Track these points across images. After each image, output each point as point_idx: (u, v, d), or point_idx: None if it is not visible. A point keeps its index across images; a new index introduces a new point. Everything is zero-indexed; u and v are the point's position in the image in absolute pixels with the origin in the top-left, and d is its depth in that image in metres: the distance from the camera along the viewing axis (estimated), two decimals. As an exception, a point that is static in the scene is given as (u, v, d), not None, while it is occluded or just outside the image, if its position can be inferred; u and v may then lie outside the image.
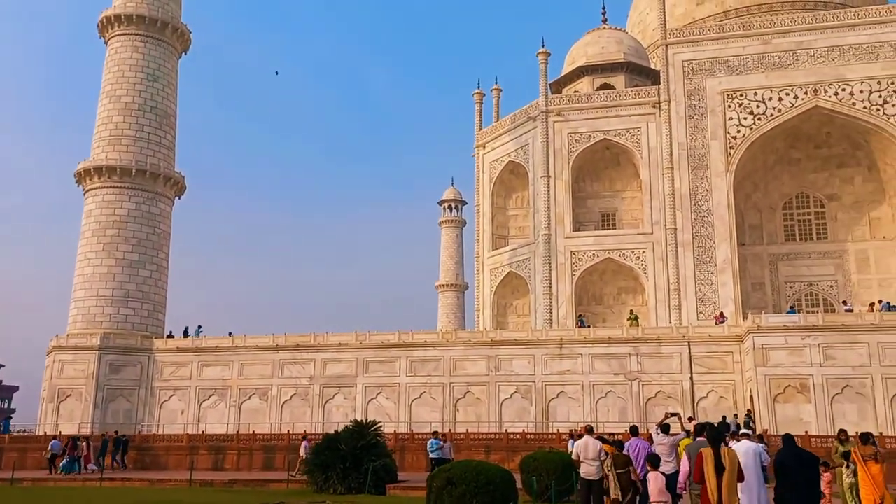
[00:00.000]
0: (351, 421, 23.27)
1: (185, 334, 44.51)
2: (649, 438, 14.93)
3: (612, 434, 24.91)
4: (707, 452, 10.86)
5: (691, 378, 35.72)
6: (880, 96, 43.07)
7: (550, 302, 44.85)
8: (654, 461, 12.99)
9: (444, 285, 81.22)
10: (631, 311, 43.75)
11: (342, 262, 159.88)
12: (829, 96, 43.76)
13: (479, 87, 55.14)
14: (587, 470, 13.74)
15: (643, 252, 44.73)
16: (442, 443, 24.05)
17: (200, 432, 37.40)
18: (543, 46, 49.14)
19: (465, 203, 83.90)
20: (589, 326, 40.49)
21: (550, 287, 45.22)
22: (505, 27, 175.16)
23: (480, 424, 36.35)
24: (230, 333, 42.82)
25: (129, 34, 47.07)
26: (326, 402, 39.39)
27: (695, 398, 35.40)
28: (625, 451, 13.93)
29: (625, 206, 48.29)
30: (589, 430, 14.54)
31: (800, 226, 48.50)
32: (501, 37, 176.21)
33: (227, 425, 39.56)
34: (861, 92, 43.35)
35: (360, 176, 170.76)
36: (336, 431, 23.01)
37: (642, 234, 45.21)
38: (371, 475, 20.88)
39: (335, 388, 39.62)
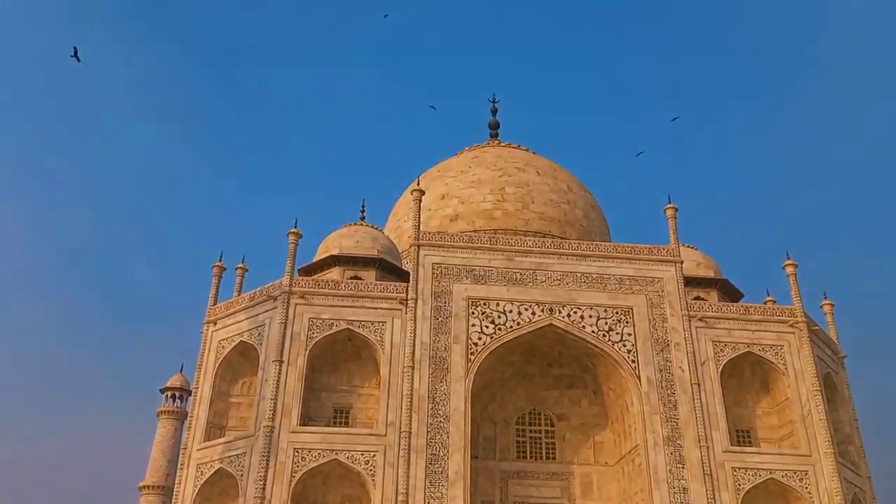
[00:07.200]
0: None
1: None
2: None
3: None
4: None
5: None
6: (606, 323, 45.63)
7: (261, 508, 38.25)
8: None
9: (149, 487, 69.03)
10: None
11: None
12: (563, 317, 45.55)
13: (220, 260, 50.72)
14: None
15: (374, 456, 40.61)
16: None
17: None
18: (296, 227, 47.10)
19: (191, 393, 74.80)
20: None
21: (264, 490, 38.80)
22: (260, 207, 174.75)
23: None
24: None
25: None
26: None
27: None
28: None
29: (360, 404, 44.70)
30: None
31: (531, 443, 47.89)
32: (255, 213, 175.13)
33: None
34: (590, 317, 45.68)
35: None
36: None
37: (375, 436, 41.38)
38: None
39: None
